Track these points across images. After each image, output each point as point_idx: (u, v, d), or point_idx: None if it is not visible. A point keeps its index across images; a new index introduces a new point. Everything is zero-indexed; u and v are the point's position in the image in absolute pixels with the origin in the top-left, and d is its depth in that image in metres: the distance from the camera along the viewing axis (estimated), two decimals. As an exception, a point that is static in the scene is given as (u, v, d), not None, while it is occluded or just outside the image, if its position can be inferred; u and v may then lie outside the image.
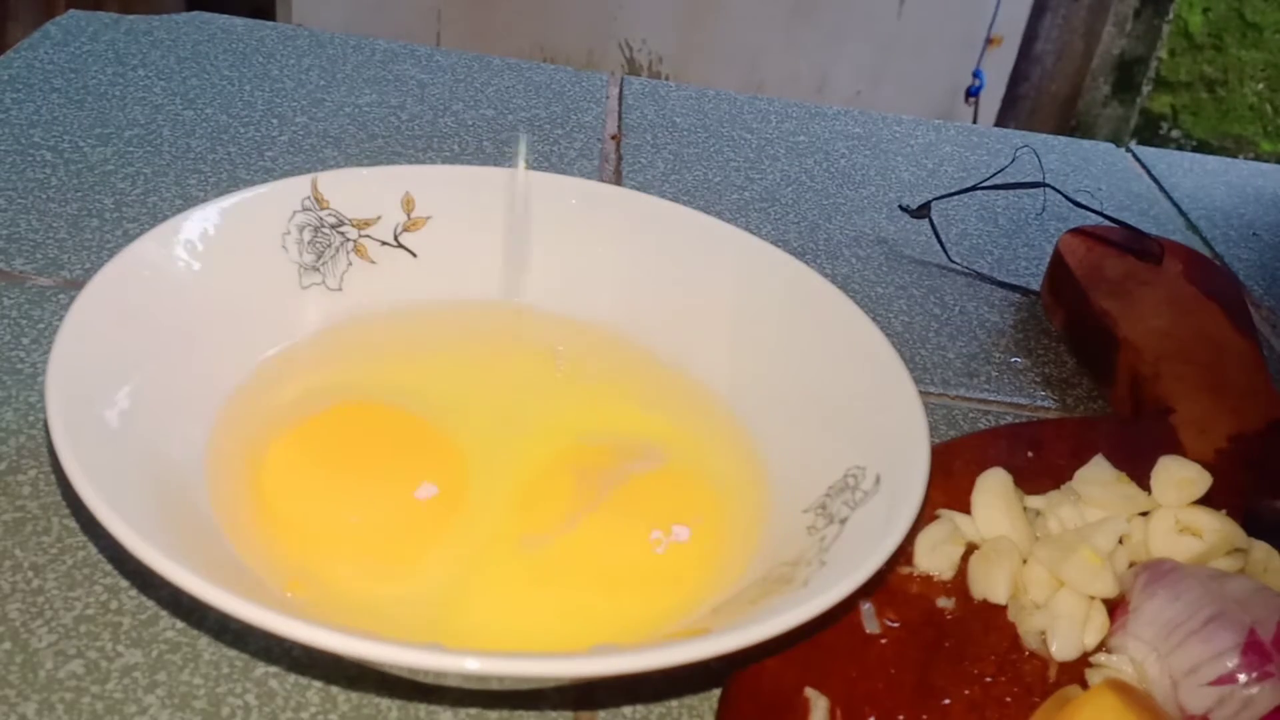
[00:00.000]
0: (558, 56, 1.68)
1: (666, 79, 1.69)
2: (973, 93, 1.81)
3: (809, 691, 0.31)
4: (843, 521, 0.32)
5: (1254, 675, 0.30)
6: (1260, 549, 0.36)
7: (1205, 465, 0.37)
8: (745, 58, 1.74)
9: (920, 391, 0.35)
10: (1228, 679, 0.30)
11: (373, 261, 0.40)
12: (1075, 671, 0.33)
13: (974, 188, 0.58)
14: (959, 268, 0.56)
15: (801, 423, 0.37)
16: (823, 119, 0.69)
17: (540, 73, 0.69)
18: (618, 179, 0.59)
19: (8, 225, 0.47)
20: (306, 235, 0.38)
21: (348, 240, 0.39)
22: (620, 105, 0.67)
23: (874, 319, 0.38)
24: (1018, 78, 1.86)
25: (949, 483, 0.37)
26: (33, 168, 0.51)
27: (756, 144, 0.65)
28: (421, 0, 1.63)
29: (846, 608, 0.32)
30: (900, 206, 0.59)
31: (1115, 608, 0.34)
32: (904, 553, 0.35)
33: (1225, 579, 0.33)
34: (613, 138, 0.63)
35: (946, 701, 0.31)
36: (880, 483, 0.32)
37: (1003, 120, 1.87)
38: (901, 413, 0.34)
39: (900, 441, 0.33)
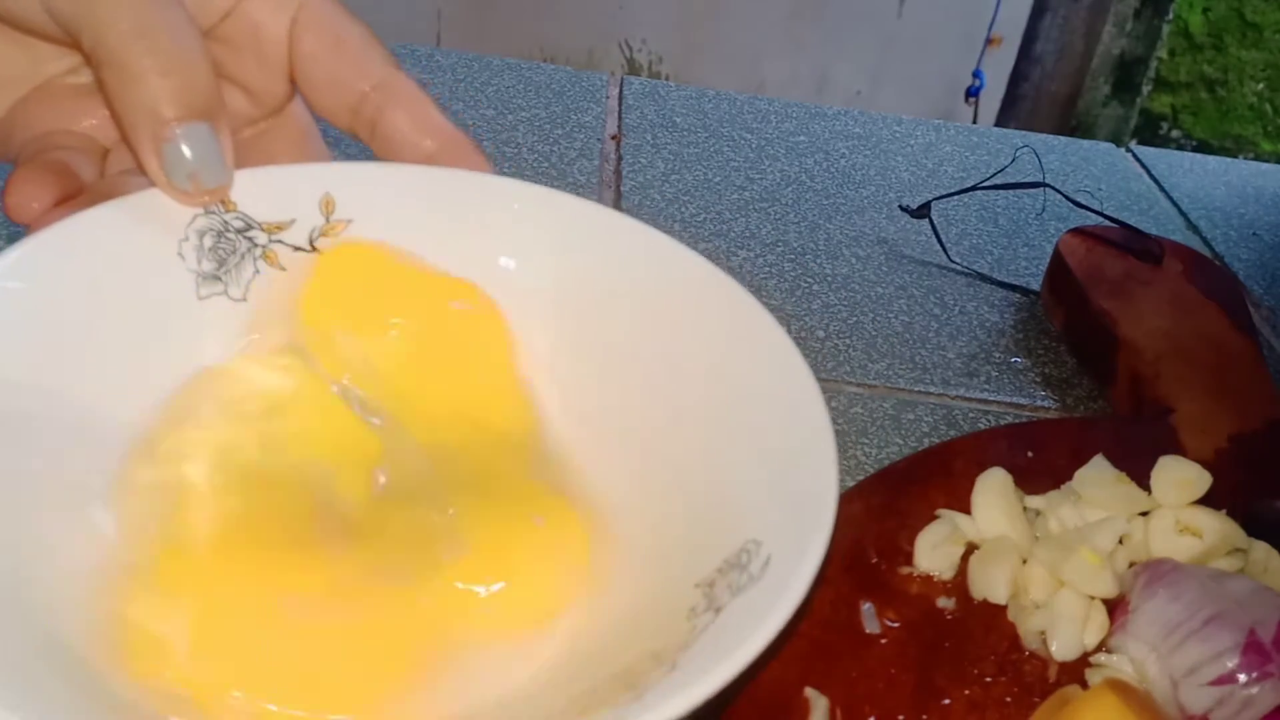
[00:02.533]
0: (558, 56, 1.68)
1: (666, 79, 1.69)
2: (973, 93, 1.81)
3: (809, 691, 0.31)
4: (718, 610, 0.26)
5: (1254, 675, 0.30)
6: (1260, 549, 0.36)
7: (1205, 465, 0.37)
8: (745, 58, 1.74)
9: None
10: (1228, 679, 0.30)
11: (283, 269, 0.35)
12: (1075, 671, 0.33)
13: (974, 188, 0.58)
14: (959, 268, 0.56)
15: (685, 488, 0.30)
16: (823, 119, 0.69)
17: (540, 73, 0.69)
18: (617, 179, 0.59)
19: None
20: (208, 241, 0.34)
21: (256, 246, 0.35)
22: (620, 105, 0.67)
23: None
24: (1018, 78, 1.86)
25: (949, 483, 0.37)
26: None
27: (756, 144, 0.65)
28: (421, 0, 1.63)
29: (847, 608, 0.32)
30: (900, 206, 0.59)
31: (1115, 608, 0.34)
32: (904, 553, 0.35)
33: (1225, 579, 0.33)
34: (613, 138, 0.63)
35: (946, 701, 0.31)
36: (769, 566, 0.26)
37: (1003, 120, 1.87)
38: (813, 476, 0.27)
39: (803, 514, 0.27)
